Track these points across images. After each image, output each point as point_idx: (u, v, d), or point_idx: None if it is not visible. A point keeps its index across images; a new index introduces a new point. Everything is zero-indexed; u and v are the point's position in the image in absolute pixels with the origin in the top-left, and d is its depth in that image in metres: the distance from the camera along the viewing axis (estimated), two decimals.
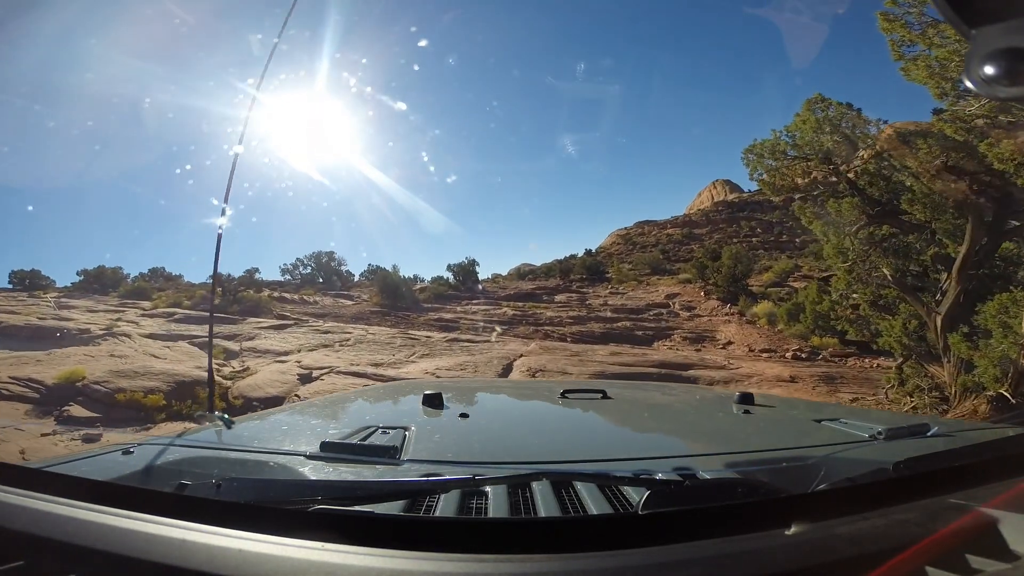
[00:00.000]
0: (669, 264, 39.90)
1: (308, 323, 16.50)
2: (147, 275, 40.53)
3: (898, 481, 0.79)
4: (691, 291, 23.48)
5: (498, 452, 1.20)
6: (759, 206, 64.26)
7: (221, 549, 0.56)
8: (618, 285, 29.57)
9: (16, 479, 0.71)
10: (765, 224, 54.29)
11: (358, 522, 0.62)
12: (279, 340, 12.27)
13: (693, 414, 1.85)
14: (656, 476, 0.85)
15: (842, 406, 5.55)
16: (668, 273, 34.95)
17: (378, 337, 12.81)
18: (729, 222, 57.91)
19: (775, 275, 24.60)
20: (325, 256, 39.70)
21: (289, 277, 38.27)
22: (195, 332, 13.43)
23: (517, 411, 1.92)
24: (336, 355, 10.34)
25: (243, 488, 0.79)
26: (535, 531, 0.63)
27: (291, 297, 27.02)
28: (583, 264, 35.89)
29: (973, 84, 0.50)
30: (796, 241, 46.61)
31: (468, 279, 30.60)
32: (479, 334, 15.09)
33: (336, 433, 1.25)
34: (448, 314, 19.45)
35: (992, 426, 1.88)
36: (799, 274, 25.78)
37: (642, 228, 65.74)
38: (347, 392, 3.57)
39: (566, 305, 22.13)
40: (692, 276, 26.20)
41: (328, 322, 17.05)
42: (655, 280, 31.04)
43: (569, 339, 15.06)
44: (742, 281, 20.76)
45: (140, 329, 13.68)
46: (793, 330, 13.51)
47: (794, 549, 0.58)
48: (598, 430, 1.58)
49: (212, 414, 1.39)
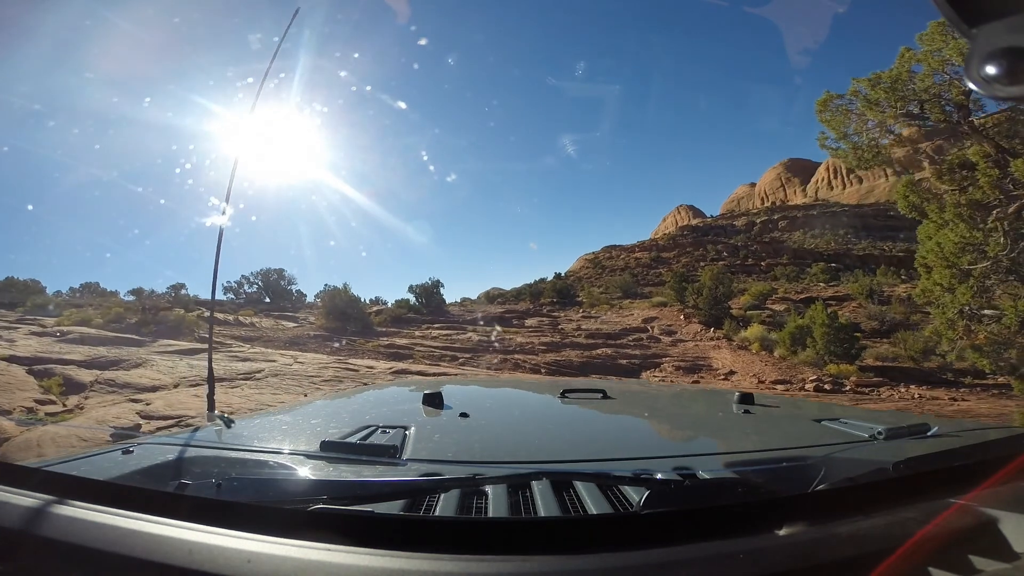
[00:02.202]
0: (640, 287, 39.10)
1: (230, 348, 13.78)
2: (77, 290, 36.35)
3: (898, 481, 0.78)
4: (669, 314, 22.01)
5: (498, 452, 1.20)
6: (723, 230, 65.53)
7: (221, 549, 0.56)
8: (590, 308, 28.23)
9: (15, 478, 0.71)
10: (730, 247, 54.90)
11: (358, 522, 0.62)
12: (164, 370, 9.54)
13: (693, 414, 1.84)
14: (656, 476, 0.82)
15: (842, 406, 5.12)
16: (640, 296, 34.02)
17: (305, 368, 10.24)
18: (695, 246, 58.28)
19: (752, 297, 23.58)
20: (274, 274, 36.76)
21: (232, 296, 35.24)
22: (72, 356, 10.65)
23: (517, 411, 1.87)
24: (228, 393, 7.75)
25: (243, 488, 0.78)
26: (535, 531, 0.63)
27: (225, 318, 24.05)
28: (553, 287, 34.77)
29: (973, 84, 0.49)
30: (762, 264, 47.07)
31: (432, 301, 28.53)
32: (435, 364, 12.69)
33: (336, 432, 1.25)
34: (403, 339, 16.98)
35: (992, 426, 1.85)
36: (776, 296, 24.92)
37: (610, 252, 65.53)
38: (347, 392, 3.04)
39: (537, 330, 20.14)
40: (669, 299, 24.97)
41: (255, 347, 14.43)
42: (628, 303, 29.85)
43: (543, 370, 12.86)
44: (724, 304, 19.39)
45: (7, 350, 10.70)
46: (802, 357, 11.95)
47: (794, 549, 0.58)
48: (598, 430, 1.53)
49: (212, 413, 1.44)
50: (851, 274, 35.75)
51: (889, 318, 17.24)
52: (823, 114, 5.88)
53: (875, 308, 18.61)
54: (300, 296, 36.47)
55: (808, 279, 35.53)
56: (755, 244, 55.26)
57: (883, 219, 58.46)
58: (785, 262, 46.82)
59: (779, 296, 25.22)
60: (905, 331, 14.42)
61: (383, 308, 27.47)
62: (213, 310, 3.53)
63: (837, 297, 23.62)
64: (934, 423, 1.21)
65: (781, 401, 2.02)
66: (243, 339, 16.72)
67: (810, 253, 50.38)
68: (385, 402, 2.03)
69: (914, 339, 12.79)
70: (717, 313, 18.77)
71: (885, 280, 25.02)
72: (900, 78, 5.47)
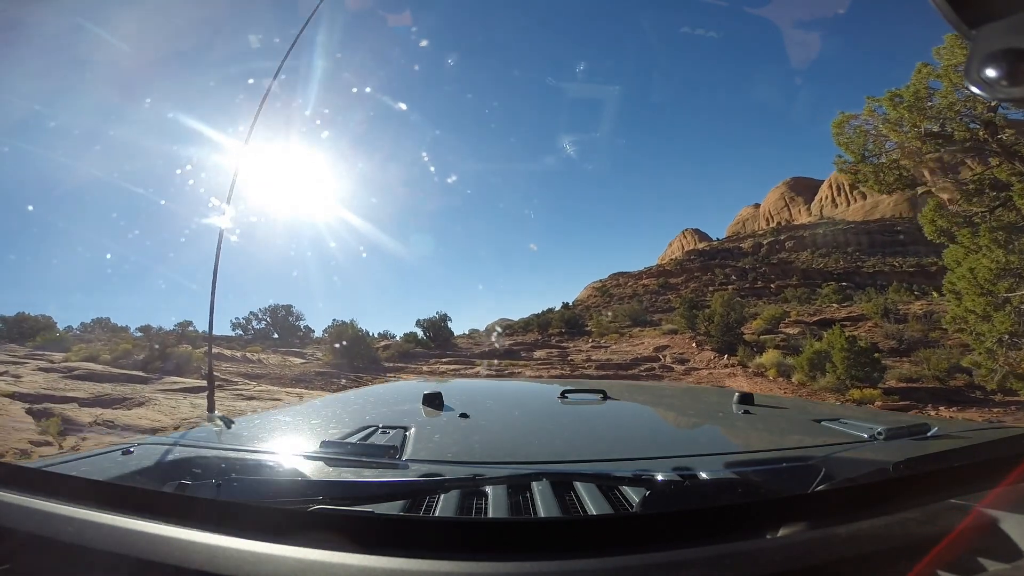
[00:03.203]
0: (649, 314, 38.72)
1: (236, 386, 13.65)
2: (89, 325, 36.67)
3: (898, 481, 0.77)
4: (681, 342, 21.60)
5: (498, 452, 1.19)
6: (730, 253, 65.28)
7: (221, 549, 0.56)
8: (600, 338, 27.86)
9: (14, 479, 0.71)
10: (738, 271, 54.55)
11: (358, 522, 0.62)
12: (166, 410, 9.40)
13: (693, 414, 1.84)
14: (656, 476, 0.83)
15: (842, 406, 4.95)
16: (650, 324, 33.62)
17: None
18: (703, 270, 57.98)
19: (765, 322, 23.09)
20: (282, 310, 36.99)
21: (241, 332, 35.38)
22: (76, 393, 10.61)
23: (517, 411, 1.86)
24: None
25: (243, 488, 0.78)
26: (535, 531, 0.62)
27: (232, 355, 24.01)
28: (561, 317, 34.55)
29: (974, 85, 0.49)
30: (771, 286, 46.53)
31: (439, 335, 28.39)
32: None
33: (336, 433, 1.25)
34: (410, 375, 16.76)
35: (992, 426, 1.84)
36: (789, 320, 24.43)
37: (617, 280, 65.41)
38: (347, 392, 3.01)
39: (547, 362, 19.82)
40: (680, 326, 24.60)
41: (262, 384, 14.29)
42: (638, 331, 29.46)
43: None
44: (736, 329, 19.02)
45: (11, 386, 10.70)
46: (823, 383, 11.53)
47: (794, 549, 0.58)
48: (598, 430, 1.52)
49: (212, 414, 1.39)
50: (863, 292, 35.15)
51: (907, 336, 16.89)
52: (840, 136, 5.73)
53: (892, 327, 18.13)
54: (308, 332, 36.53)
55: (820, 300, 34.92)
56: (763, 266, 54.87)
57: (890, 234, 58.05)
58: (795, 283, 46.29)
59: (792, 319, 24.71)
60: (926, 349, 14.00)
61: (391, 343, 27.30)
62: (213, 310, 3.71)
63: (852, 317, 23.09)
64: (934, 423, 1.20)
65: (781, 401, 2.02)
66: (250, 376, 16.59)
67: (819, 273, 49.85)
68: (385, 402, 2.01)
69: (937, 357, 12.41)
70: (730, 339, 18.38)
71: (899, 297, 24.49)
72: (919, 95, 5.28)
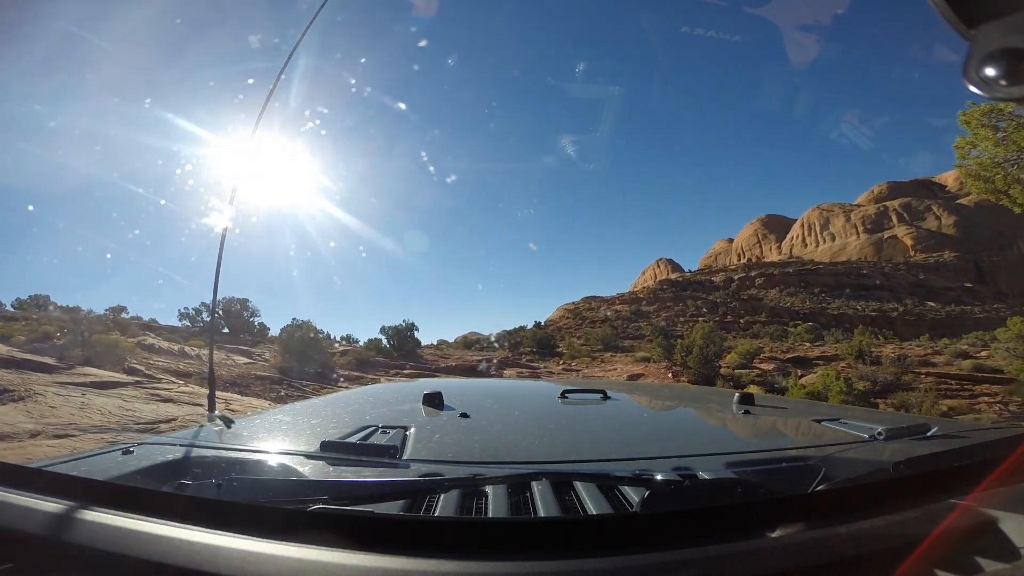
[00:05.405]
0: (620, 340, 38.16)
1: (157, 383, 11.82)
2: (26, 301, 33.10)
3: (898, 481, 0.77)
4: (655, 371, 20.84)
5: (498, 452, 1.19)
6: (701, 286, 66.11)
7: (222, 549, 0.56)
8: (571, 360, 26.91)
9: (15, 479, 0.71)
10: (710, 303, 55.04)
11: (358, 522, 0.62)
12: (45, 410, 7.63)
13: (693, 414, 1.85)
14: (656, 476, 0.81)
15: (842, 406, 4.77)
16: (621, 350, 32.94)
17: None
18: (675, 300, 58.26)
19: (739, 356, 22.62)
20: (236, 303, 34.43)
21: (188, 323, 32.64)
22: None
23: (517, 411, 1.86)
24: None
25: (243, 488, 0.78)
26: (535, 531, 0.62)
27: (169, 347, 21.70)
28: (533, 336, 33.58)
29: (972, 85, 0.48)
30: (740, 321, 46.98)
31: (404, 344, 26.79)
32: None
33: (336, 433, 1.25)
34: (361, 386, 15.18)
35: (992, 426, 1.84)
36: (763, 356, 24.09)
37: (590, 303, 65.04)
38: (347, 392, 2.84)
39: None
40: (655, 354, 23.87)
41: (189, 384, 12.46)
42: (609, 356, 28.69)
43: None
44: (715, 362, 18.36)
45: None
46: None
47: (794, 549, 0.58)
48: (598, 430, 1.52)
49: (212, 414, 1.45)
50: (829, 332, 35.67)
51: (881, 379, 16.86)
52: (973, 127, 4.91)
53: (866, 368, 17.94)
54: (263, 329, 34.10)
55: (793, 338, 35.15)
56: (734, 301, 55.60)
57: (855, 277, 60.02)
58: (763, 319, 46.91)
59: (766, 355, 24.42)
60: (901, 392, 14.22)
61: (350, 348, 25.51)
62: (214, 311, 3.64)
63: (825, 356, 22.94)
64: (934, 423, 1.19)
65: (781, 401, 2.04)
66: (179, 374, 14.65)
67: (787, 311, 50.80)
68: (385, 402, 1.98)
69: (921, 399, 12.54)
70: (707, 372, 17.73)
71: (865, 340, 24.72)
72: None
